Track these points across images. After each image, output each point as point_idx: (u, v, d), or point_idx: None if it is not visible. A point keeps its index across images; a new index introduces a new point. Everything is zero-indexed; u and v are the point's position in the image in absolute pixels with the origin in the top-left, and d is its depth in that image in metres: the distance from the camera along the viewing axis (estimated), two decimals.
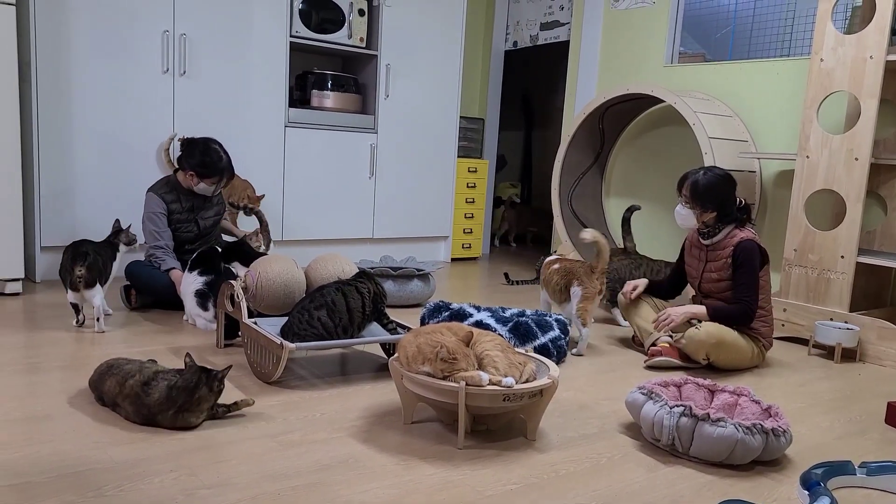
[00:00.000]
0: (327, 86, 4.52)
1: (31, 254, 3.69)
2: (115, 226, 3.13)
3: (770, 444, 1.91)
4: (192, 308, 3.02)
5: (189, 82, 3.97)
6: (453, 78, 5.06)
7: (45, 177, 3.64)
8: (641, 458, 1.96)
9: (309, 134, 4.46)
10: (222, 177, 3.32)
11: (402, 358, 2.02)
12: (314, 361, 2.68)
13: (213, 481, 1.67)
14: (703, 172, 2.94)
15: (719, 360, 2.83)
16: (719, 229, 2.93)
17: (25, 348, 2.61)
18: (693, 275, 3.07)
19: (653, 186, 4.63)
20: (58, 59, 3.59)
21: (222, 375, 2.01)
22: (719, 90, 4.21)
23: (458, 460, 1.88)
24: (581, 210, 4.72)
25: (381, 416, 2.15)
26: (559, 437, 2.08)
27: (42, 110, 3.58)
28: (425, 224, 5.12)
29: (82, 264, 2.82)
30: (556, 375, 2.04)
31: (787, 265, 3.40)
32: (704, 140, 3.70)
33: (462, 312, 2.93)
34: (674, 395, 2.23)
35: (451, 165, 5.16)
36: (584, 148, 4.67)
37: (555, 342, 2.81)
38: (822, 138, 3.28)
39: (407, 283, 3.71)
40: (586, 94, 4.95)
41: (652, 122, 4.63)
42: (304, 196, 4.51)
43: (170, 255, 3.25)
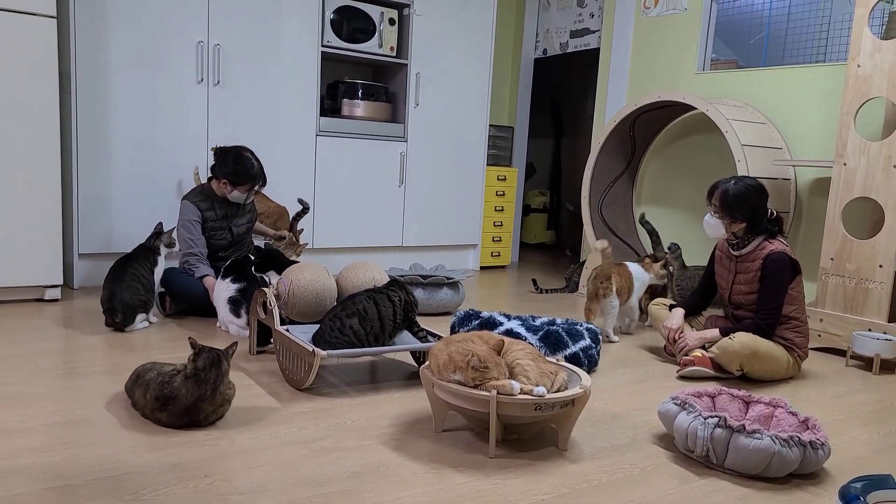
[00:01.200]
0: (358, 95, 4.56)
1: (70, 261, 3.77)
2: (157, 228, 3.20)
3: (808, 457, 1.87)
4: (225, 315, 3.06)
5: (223, 92, 4.04)
6: (483, 86, 5.07)
7: (84, 185, 3.72)
8: (675, 470, 1.94)
9: (339, 142, 4.50)
10: (254, 184, 3.37)
11: (434, 366, 2.03)
12: (345, 369, 2.69)
13: (246, 487, 1.68)
14: (733, 182, 2.90)
15: (753, 371, 2.78)
16: (749, 240, 2.89)
17: (64, 353, 2.67)
18: (723, 286, 3.03)
19: (684, 194, 4.59)
20: (96, 69, 3.68)
21: (232, 351, 2.08)
22: (753, 97, 4.16)
23: (489, 469, 1.87)
24: (611, 218, 4.69)
25: (411, 423, 2.16)
26: (591, 447, 2.07)
27: (81, 119, 3.67)
28: (454, 232, 5.13)
29: (115, 319, 2.96)
30: (587, 385, 2.03)
31: (824, 274, 3.34)
32: (737, 147, 3.66)
33: (492, 321, 2.93)
34: (707, 406, 2.20)
35: (480, 173, 5.17)
36: (615, 155, 4.64)
37: (585, 351, 2.79)
38: (860, 145, 3.22)
39: (436, 291, 3.72)
40: (617, 101, 4.92)
41: (684, 129, 4.59)
42: (334, 204, 4.54)
43: (203, 262, 3.30)
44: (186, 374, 1.99)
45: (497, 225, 5.44)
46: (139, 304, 3.01)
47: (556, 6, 5.60)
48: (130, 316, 2.99)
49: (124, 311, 2.96)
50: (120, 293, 2.95)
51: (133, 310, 2.99)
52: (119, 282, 2.97)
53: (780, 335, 2.85)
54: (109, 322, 2.96)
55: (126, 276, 2.99)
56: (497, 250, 5.47)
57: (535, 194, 7.12)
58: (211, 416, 2.03)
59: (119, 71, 3.74)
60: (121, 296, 2.95)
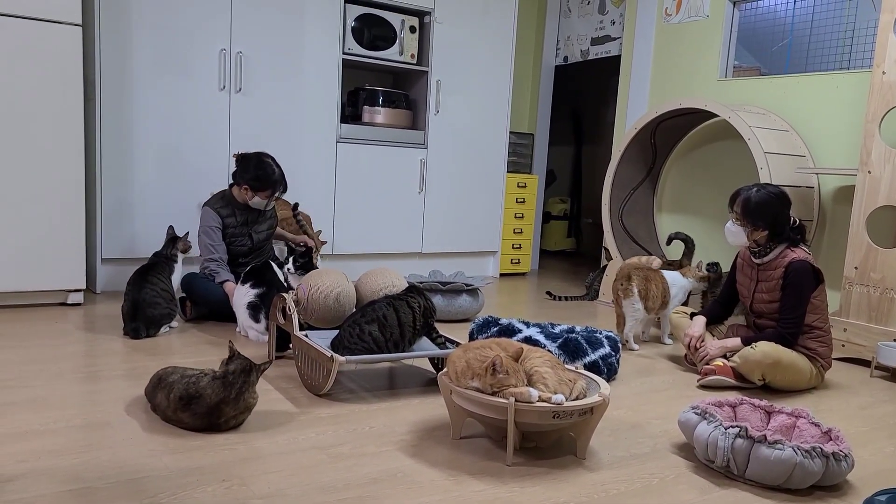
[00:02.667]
0: (378, 102, 4.59)
1: (93, 265, 3.82)
2: (170, 233, 3.24)
3: (830, 469, 1.84)
4: (244, 320, 3.08)
5: (245, 99, 4.08)
6: (503, 93, 5.07)
7: (107, 191, 3.77)
8: (694, 480, 1.92)
9: (360, 149, 4.52)
10: (275, 189, 3.39)
11: (452, 373, 2.02)
12: (363, 375, 2.70)
13: (263, 492, 1.69)
14: (755, 189, 2.87)
15: (776, 381, 2.74)
16: (771, 248, 2.86)
17: (86, 357, 2.70)
18: (745, 294, 3.00)
19: (705, 202, 4.55)
20: (120, 77, 3.73)
21: (265, 368, 2.10)
22: (775, 104, 4.12)
23: (507, 477, 1.86)
24: (632, 225, 4.66)
25: (429, 430, 2.15)
26: (610, 456, 2.05)
27: (105, 126, 3.72)
28: (474, 239, 5.12)
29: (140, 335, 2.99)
30: (606, 393, 2.01)
31: (848, 284, 3.29)
32: (760, 155, 3.62)
33: (511, 328, 2.92)
34: (728, 416, 2.17)
35: (500, 180, 5.17)
36: (636, 163, 4.62)
37: (605, 359, 2.77)
38: (885, 153, 3.17)
39: (455, 297, 3.71)
40: (638, 108, 4.90)
41: (705, 136, 4.55)
42: (354, 210, 4.56)
43: (224, 267, 3.33)
44: (215, 376, 2.03)
45: (517, 232, 5.43)
46: (164, 317, 3.06)
47: (578, 13, 5.59)
48: (155, 330, 3.03)
49: (148, 327, 3.00)
50: (143, 310, 2.99)
51: (157, 323, 3.04)
52: (141, 297, 3.00)
53: (803, 345, 2.81)
54: (132, 337, 2.99)
55: (148, 290, 3.02)
56: (517, 257, 5.46)
57: (556, 202, 7.10)
58: (231, 420, 2.04)
59: (142, 78, 3.79)
60: (144, 312, 2.99)
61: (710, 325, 3.09)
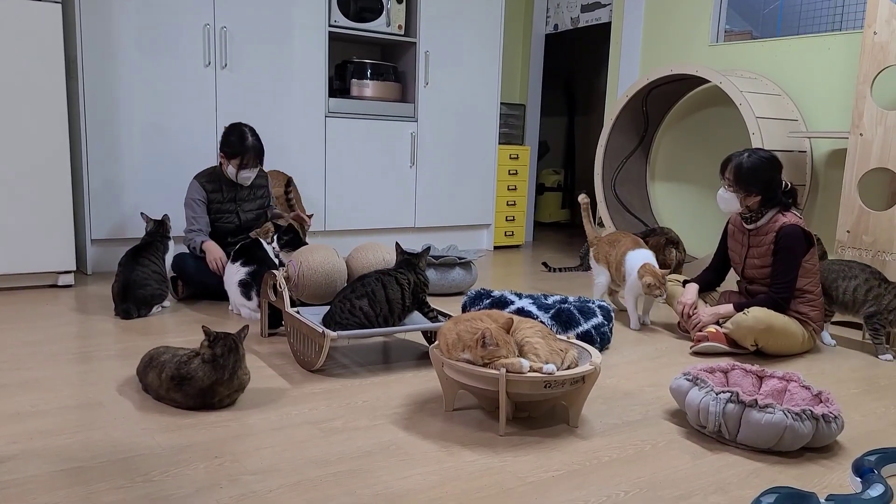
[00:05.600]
0: (367, 75, 4.53)
1: (83, 246, 3.80)
2: (163, 218, 3.23)
3: (820, 431, 1.85)
4: (236, 298, 3.07)
5: (230, 75, 4.03)
6: (493, 64, 5.02)
7: (94, 171, 3.74)
8: (686, 445, 1.93)
9: (349, 123, 4.48)
10: (244, 157, 3.31)
11: (443, 345, 2.02)
12: (356, 350, 2.70)
13: (256, 467, 1.69)
14: (747, 155, 2.85)
15: (768, 346, 2.75)
16: (763, 213, 2.85)
17: (77, 338, 2.69)
18: (736, 260, 3.00)
19: (698, 169, 4.53)
20: (103, 54, 3.68)
21: (244, 334, 2.10)
22: (767, 68, 4.09)
23: (500, 447, 1.87)
24: (625, 195, 4.64)
25: (422, 403, 2.16)
26: (602, 423, 2.06)
27: (89, 105, 3.68)
28: (467, 212, 5.10)
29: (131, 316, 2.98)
30: (598, 362, 2.01)
31: (840, 247, 3.29)
32: (752, 120, 3.59)
33: (503, 300, 2.92)
34: (720, 381, 2.18)
35: (492, 152, 5.13)
36: (628, 131, 4.59)
37: (598, 329, 2.77)
38: (877, 115, 3.15)
39: (449, 271, 3.71)
40: (629, 76, 4.85)
41: (697, 103, 4.52)
42: (345, 186, 4.54)
43: (204, 234, 3.33)
44: (204, 359, 2.01)
45: (510, 204, 5.41)
46: (155, 297, 3.04)
47: None
48: (146, 311, 3.03)
49: (139, 307, 2.99)
50: (134, 290, 2.97)
51: (148, 303, 3.03)
52: (132, 277, 2.99)
53: (795, 309, 2.81)
54: (123, 318, 2.98)
55: (140, 271, 3.01)
56: (511, 230, 5.44)
57: (549, 173, 7.07)
58: (225, 399, 2.04)
59: (126, 56, 3.74)
60: (135, 293, 2.98)
61: (703, 292, 3.09)
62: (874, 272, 2.87)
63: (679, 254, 3.88)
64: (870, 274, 2.86)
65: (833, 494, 1.56)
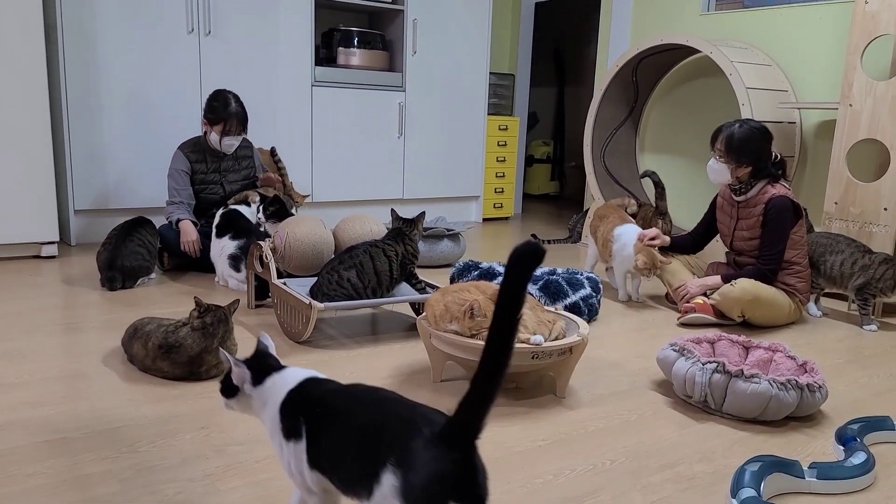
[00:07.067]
0: (353, 43, 4.46)
1: (66, 217, 3.75)
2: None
3: (805, 400, 1.87)
4: (224, 269, 3.05)
5: (214, 42, 3.95)
6: (482, 32, 4.95)
7: (76, 140, 3.67)
8: (673, 415, 1.94)
9: (336, 93, 4.42)
10: (227, 123, 3.27)
11: (430, 317, 2.01)
12: (344, 321, 2.69)
13: (242, 438, 1.69)
14: (738, 125, 2.84)
15: (755, 317, 2.77)
16: (752, 185, 2.84)
17: (62, 309, 2.67)
18: (725, 232, 3.00)
19: (688, 141, 4.51)
20: (83, 20, 3.59)
21: (234, 308, 2.10)
22: (758, 38, 4.05)
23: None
24: (614, 167, 4.63)
25: (410, 374, 2.16)
26: (589, 394, 2.06)
27: (70, 72, 3.60)
28: (456, 184, 5.07)
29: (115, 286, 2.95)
30: (585, 333, 2.01)
31: (828, 219, 3.30)
32: (742, 90, 3.57)
33: (491, 271, 2.91)
34: (707, 352, 2.19)
35: (481, 123, 5.09)
36: (618, 102, 4.55)
37: (586, 300, 2.77)
38: (866, 85, 3.14)
39: (437, 243, 3.69)
40: (619, 46, 4.80)
41: (688, 73, 4.49)
42: (332, 157, 4.49)
43: (183, 208, 3.28)
44: (193, 327, 2.01)
45: (499, 176, 5.38)
46: (141, 270, 3.01)
47: None
48: (131, 282, 2.99)
49: (125, 278, 2.96)
50: (122, 260, 2.94)
51: (134, 275, 3.00)
52: (122, 247, 2.95)
53: (782, 280, 2.82)
54: (108, 288, 2.95)
55: (131, 241, 2.98)
56: (500, 202, 5.42)
57: (539, 144, 7.03)
58: (213, 370, 2.03)
59: (107, 21, 3.65)
60: (123, 262, 2.94)
61: (674, 251, 3.08)
62: (859, 246, 2.88)
63: (665, 225, 3.87)
64: (855, 248, 2.87)
65: (816, 462, 1.58)
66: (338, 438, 1.09)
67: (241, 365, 1.25)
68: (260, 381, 1.23)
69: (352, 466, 1.06)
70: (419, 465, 0.96)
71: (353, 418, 1.09)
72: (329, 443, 1.10)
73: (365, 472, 1.02)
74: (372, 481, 1.00)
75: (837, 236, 2.97)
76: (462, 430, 0.98)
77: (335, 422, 1.11)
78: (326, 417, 1.12)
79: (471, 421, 0.97)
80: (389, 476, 0.98)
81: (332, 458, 1.10)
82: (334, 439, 1.09)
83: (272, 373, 1.24)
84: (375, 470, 1.00)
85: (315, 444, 1.12)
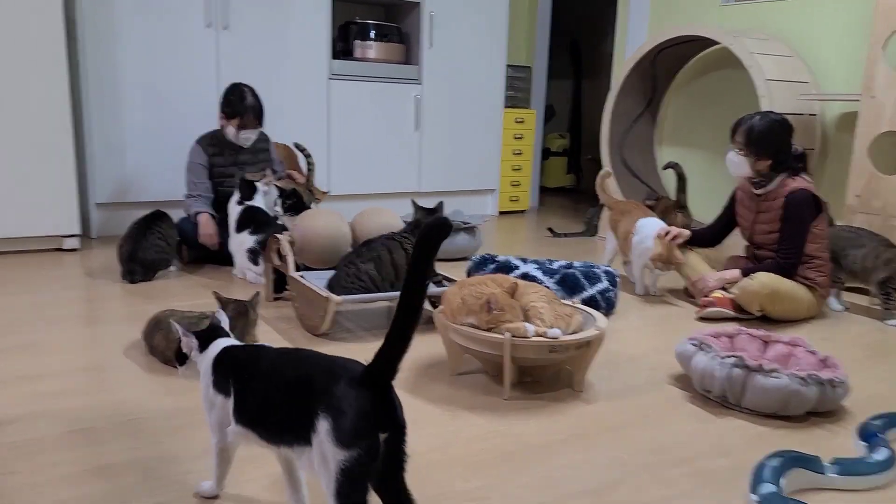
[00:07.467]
0: (370, 36, 4.46)
1: (87, 210, 3.79)
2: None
3: (826, 395, 1.85)
4: (243, 262, 3.07)
5: (232, 36, 3.97)
6: (499, 25, 4.93)
7: (96, 134, 3.71)
8: (691, 410, 1.93)
9: (353, 86, 4.43)
10: (244, 117, 3.29)
11: (447, 310, 2.02)
12: (361, 314, 2.70)
13: None
14: (758, 117, 2.81)
15: (774, 311, 2.74)
16: (772, 178, 2.82)
17: (84, 302, 2.70)
18: (745, 226, 2.97)
19: (707, 133, 4.47)
20: (103, 15, 3.62)
21: (257, 301, 2.12)
22: (779, 29, 4.00)
23: (504, 411, 1.87)
24: (632, 159, 4.60)
25: (427, 367, 2.16)
26: (607, 388, 2.06)
27: (90, 67, 3.63)
28: (472, 177, 5.07)
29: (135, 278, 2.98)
30: (603, 327, 2.01)
31: (850, 212, 3.26)
32: (761, 82, 3.53)
33: (508, 265, 2.91)
34: (726, 346, 2.17)
35: (497, 116, 5.08)
36: (635, 95, 4.52)
37: (603, 294, 2.76)
38: (889, 77, 3.09)
39: (453, 236, 3.69)
40: (637, 38, 4.76)
41: (706, 65, 4.44)
42: (348, 150, 4.50)
43: (201, 201, 3.31)
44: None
45: (515, 169, 5.36)
46: (160, 263, 3.04)
47: None
48: (151, 274, 3.02)
49: (144, 270, 2.99)
50: (142, 253, 2.97)
51: (154, 268, 3.02)
52: (142, 240, 2.98)
53: (802, 274, 2.80)
54: (129, 280, 2.98)
55: (151, 234, 3.00)
56: (516, 195, 5.41)
57: (555, 137, 7.00)
58: None
59: (126, 16, 3.68)
60: (143, 255, 2.97)
61: (694, 244, 3.06)
62: (882, 239, 2.85)
63: (685, 218, 3.85)
64: (878, 242, 2.84)
65: (838, 458, 1.57)
66: (265, 395, 1.20)
67: (188, 335, 1.37)
68: (205, 348, 1.36)
69: (282, 419, 1.17)
70: (346, 406, 1.08)
71: (280, 376, 1.19)
72: (257, 399, 1.21)
73: (299, 423, 1.13)
74: (308, 430, 1.11)
75: (859, 230, 2.93)
76: (378, 373, 1.11)
77: (262, 380, 1.22)
78: (255, 375, 1.23)
79: (386, 366, 1.10)
80: (322, 422, 1.09)
81: (260, 413, 1.21)
82: (261, 396, 1.21)
83: (215, 341, 1.37)
84: (310, 419, 1.11)
85: (242, 401, 1.24)
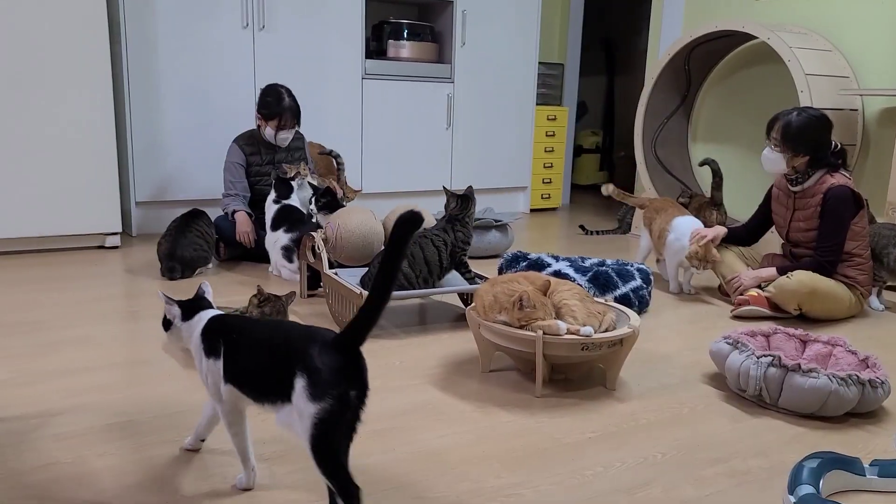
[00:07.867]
0: (403, 35, 4.49)
1: (128, 208, 3.88)
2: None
3: (866, 396, 1.82)
4: (278, 260, 3.12)
5: (268, 36, 4.02)
6: (531, 22, 4.92)
7: (137, 134, 3.80)
8: (726, 409, 1.91)
9: (386, 85, 4.46)
10: (282, 118, 3.34)
11: (479, 307, 2.03)
12: (393, 311, 2.72)
13: None
14: (796, 113, 2.76)
15: (813, 310, 2.70)
16: (809, 175, 2.76)
17: (125, 298, 2.77)
18: (781, 224, 2.92)
19: (743, 130, 4.41)
20: (144, 17, 3.70)
21: (291, 300, 2.23)
22: (818, 22, 3.93)
23: (536, 408, 1.88)
24: (665, 156, 4.55)
25: (458, 364, 2.18)
26: (640, 386, 2.05)
27: (132, 68, 3.72)
28: (503, 174, 5.07)
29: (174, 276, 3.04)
30: (636, 325, 2.00)
31: (892, 209, 3.19)
32: (801, 77, 3.47)
33: (540, 262, 2.91)
34: (762, 345, 2.15)
35: (529, 114, 5.06)
36: (669, 91, 4.48)
37: (636, 292, 2.75)
38: None
39: (485, 234, 3.70)
40: (671, 33, 4.71)
41: (742, 60, 4.38)
42: (381, 148, 4.53)
43: (238, 200, 3.36)
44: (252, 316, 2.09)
45: (547, 166, 5.35)
46: (199, 260, 3.10)
47: None
48: (190, 272, 3.08)
49: (184, 268, 3.05)
50: (181, 250, 3.03)
51: (193, 265, 3.08)
52: (182, 238, 3.04)
53: (842, 273, 2.75)
54: (168, 277, 3.04)
55: (190, 233, 3.07)
56: (547, 192, 5.39)
57: (587, 134, 6.95)
58: None
59: (167, 18, 3.75)
60: (182, 252, 3.03)
61: (730, 242, 3.02)
62: None
63: (720, 216, 3.80)
64: None
65: (877, 460, 1.54)
66: (251, 357, 1.32)
67: (172, 303, 1.46)
68: (189, 317, 1.45)
69: (266, 378, 1.29)
70: (321, 364, 1.21)
71: (264, 340, 1.33)
72: (243, 361, 1.34)
73: (280, 382, 1.24)
74: (288, 388, 1.23)
75: None
76: (350, 340, 1.23)
77: (248, 344, 1.34)
78: (241, 340, 1.35)
79: (356, 335, 1.23)
80: (300, 380, 1.21)
81: (247, 373, 1.33)
82: (248, 358, 1.33)
83: (200, 311, 1.46)
84: (290, 379, 1.22)
85: (231, 362, 1.35)
